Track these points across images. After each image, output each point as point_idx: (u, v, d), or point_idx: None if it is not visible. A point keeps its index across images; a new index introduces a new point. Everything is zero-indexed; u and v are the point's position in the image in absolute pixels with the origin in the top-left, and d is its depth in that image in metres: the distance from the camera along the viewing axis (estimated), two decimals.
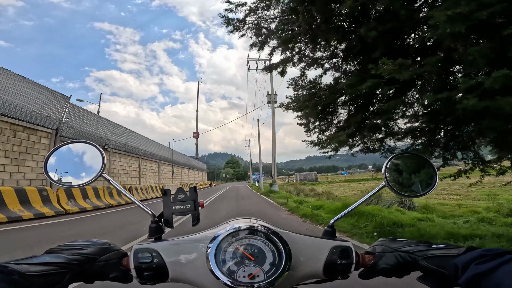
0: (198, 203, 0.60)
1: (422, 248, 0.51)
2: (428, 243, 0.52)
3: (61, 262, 0.45)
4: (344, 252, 0.55)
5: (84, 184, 0.60)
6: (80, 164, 0.62)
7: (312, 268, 0.55)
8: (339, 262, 0.54)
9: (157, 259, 0.52)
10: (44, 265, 0.43)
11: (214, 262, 0.50)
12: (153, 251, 0.53)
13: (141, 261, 0.51)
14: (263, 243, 0.53)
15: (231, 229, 0.53)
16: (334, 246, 0.56)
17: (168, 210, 0.59)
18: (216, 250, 0.51)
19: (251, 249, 0.52)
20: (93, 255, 0.50)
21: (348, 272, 0.55)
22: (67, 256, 0.47)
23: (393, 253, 0.53)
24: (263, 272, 0.51)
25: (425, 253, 0.50)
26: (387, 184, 0.63)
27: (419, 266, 0.50)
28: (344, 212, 0.63)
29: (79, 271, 0.47)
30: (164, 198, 0.59)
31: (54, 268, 0.44)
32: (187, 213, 0.59)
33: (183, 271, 0.53)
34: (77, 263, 0.47)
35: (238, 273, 0.50)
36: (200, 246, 0.54)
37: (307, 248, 0.56)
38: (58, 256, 0.46)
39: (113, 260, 0.52)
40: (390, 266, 0.53)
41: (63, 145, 0.62)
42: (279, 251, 0.52)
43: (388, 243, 0.56)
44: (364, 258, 0.56)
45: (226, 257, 0.51)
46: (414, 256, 0.51)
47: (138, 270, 0.51)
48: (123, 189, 0.61)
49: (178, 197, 0.59)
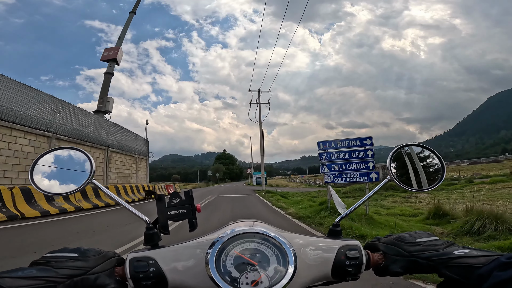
0: (194, 207, 0.57)
1: (444, 255, 0.47)
2: (448, 246, 0.49)
3: (49, 276, 0.41)
4: (353, 252, 0.52)
5: (72, 192, 0.57)
6: (68, 171, 0.59)
7: (320, 270, 0.52)
8: (348, 263, 0.52)
9: (154, 268, 0.49)
10: (30, 279, 0.39)
11: (215, 269, 0.47)
12: (149, 259, 0.50)
13: (137, 270, 0.49)
14: (266, 247, 0.50)
15: (231, 233, 0.51)
16: (342, 246, 0.54)
17: (163, 216, 0.56)
18: (216, 256, 0.48)
19: (253, 254, 0.49)
20: (85, 268, 0.45)
21: (358, 273, 0.52)
22: (55, 270, 0.42)
23: (409, 259, 0.50)
24: (268, 278, 0.47)
25: (447, 262, 0.46)
26: (393, 178, 0.61)
27: (439, 272, 0.47)
28: (350, 210, 0.61)
29: (70, 285, 0.43)
30: (158, 204, 0.56)
31: (41, 282, 0.40)
32: (183, 218, 0.56)
33: (182, 279, 0.50)
34: (67, 276, 0.43)
35: (240, 280, 0.47)
36: (199, 252, 0.51)
37: (313, 250, 0.53)
38: (46, 270, 0.42)
39: (107, 270, 0.48)
40: (404, 270, 0.50)
41: (50, 152, 0.60)
42: (283, 255, 0.49)
43: (402, 244, 0.52)
44: (374, 257, 0.54)
45: (227, 263, 0.48)
46: (434, 264, 0.47)
47: (135, 280, 0.48)
48: (116, 196, 0.59)
49: (173, 202, 0.57)
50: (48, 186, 0.57)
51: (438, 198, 7.17)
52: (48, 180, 0.58)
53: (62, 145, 0.62)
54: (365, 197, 0.62)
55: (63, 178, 0.59)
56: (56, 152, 0.60)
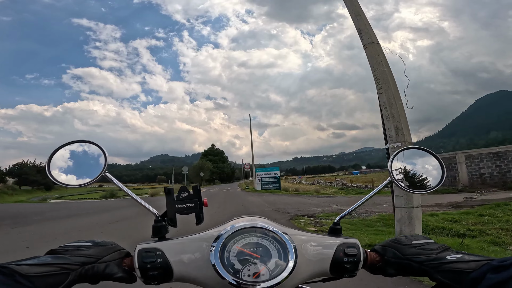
0: (202, 201, 0.59)
1: (436, 259, 0.49)
2: (443, 250, 0.50)
3: (62, 263, 0.44)
4: (351, 250, 0.54)
5: (87, 184, 0.59)
6: (83, 163, 0.61)
7: (318, 266, 0.54)
8: (346, 260, 0.54)
9: (161, 259, 0.51)
10: (45, 266, 0.42)
11: (219, 261, 0.50)
12: (157, 250, 0.52)
13: (145, 261, 0.51)
14: (268, 242, 0.52)
15: (235, 227, 0.53)
16: (341, 243, 0.55)
17: (171, 209, 0.58)
18: (220, 249, 0.51)
19: (255, 248, 0.52)
20: (96, 256, 0.49)
21: (356, 270, 0.54)
22: (69, 257, 0.46)
23: (404, 261, 0.52)
24: (269, 271, 0.50)
25: (439, 267, 0.47)
26: (394, 180, 0.62)
27: (431, 277, 0.49)
28: (350, 209, 0.63)
29: (82, 272, 0.46)
30: (167, 197, 0.58)
31: (55, 269, 0.43)
32: (191, 212, 0.58)
33: (187, 270, 0.52)
34: (79, 264, 0.46)
35: (243, 272, 0.49)
36: (204, 245, 0.53)
37: (313, 246, 0.55)
38: (60, 257, 0.45)
39: (116, 260, 0.51)
40: (398, 272, 0.53)
41: (65, 145, 0.61)
42: (284, 250, 0.51)
43: (398, 246, 0.54)
44: (371, 255, 0.56)
45: (230, 256, 0.51)
46: (427, 269, 0.49)
47: (142, 270, 0.50)
48: (127, 188, 0.60)
49: (181, 196, 0.59)
50: (65, 178, 0.59)
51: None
52: (64, 173, 0.60)
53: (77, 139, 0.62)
54: (365, 198, 0.63)
55: (78, 171, 0.61)
56: (71, 146, 0.62)
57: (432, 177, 0.64)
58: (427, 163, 0.66)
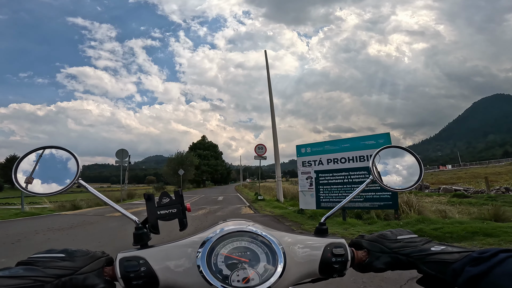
0: (184, 207, 0.58)
1: (421, 251, 0.50)
2: (426, 242, 0.52)
3: (36, 275, 0.40)
4: (339, 250, 0.54)
5: (57, 192, 0.56)
6: (53, 171, 0.58)
7: (307, 268, 0.54)
8: (334, 260, 0.54)
9: (145, 267, 0.49)
10: (17, 279, 0.39)
11: (206, 267, 0.48)
12: (139, 258, 0.50)
13: (128, 270, 0.49)
14: (256, 245, 0.52)
15: (222, 232, 0.52)
16: (328, 243, 0.55)
17: (153, 216, 0.56)
18: (207, 254, 0.50)
19: (244, 252, 0.51)
20: (72, 268, 0.44)
21: (344, 270, 0.54)
22: (42, 270, 0.42)
23: (391, 255, 0.52)
24: (258, 275, 0.49)
25: (424, 258, 0.49)
26: (376, 178, 0.64)
27: (418, 268, 0.50)
28: (335, 209, 0.64)
29: (58, 284, 0.42)
30: (148, 203, 0.56)
31: (28, 282, 0.39)
32: (173, 218, 0.57)
33: (173, 278, 0.51)
34: (55, 276, 0.42)
35: (232, 278, 0.48)
36: (190, 251, 0.52)
37: (301, 248, 0.55)
38: (33, 269, 0.41)
39: (95, 270, 0.47)
40: (386, 266, 0.53)
41: (34, 151, 0.58)
42: (273, 253, 0.51)
43: (384, 241, 0.55)
44: (358, 254, 0.56)
45: (218, 261, 0.49)
46: (413, 260, 0.50)
47: (126, 279, 0.48)
48: (104, 196, 0.58)
49: (163, 202, 0.57)
50: (34, 187, 0.56)
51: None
52: (33, 181, 0.56)
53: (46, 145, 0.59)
54: (349, 197, 0.64)
55: (47, 179, 0.57)
56: (39, 152, 0.58)
57: (411, 174, 0.66)
58: (406, 162, 0.68)
